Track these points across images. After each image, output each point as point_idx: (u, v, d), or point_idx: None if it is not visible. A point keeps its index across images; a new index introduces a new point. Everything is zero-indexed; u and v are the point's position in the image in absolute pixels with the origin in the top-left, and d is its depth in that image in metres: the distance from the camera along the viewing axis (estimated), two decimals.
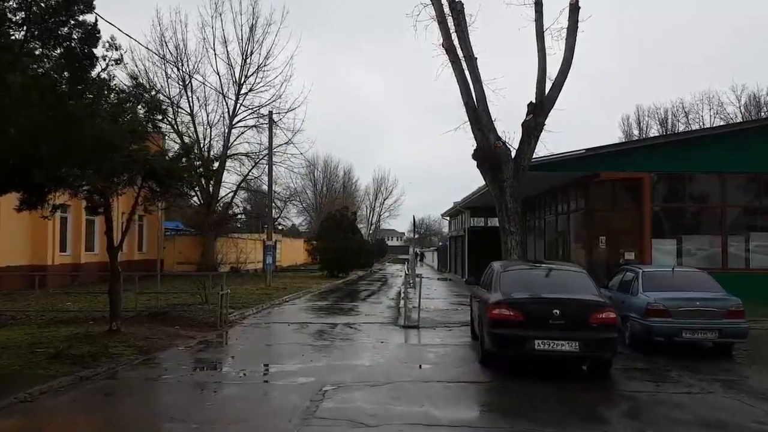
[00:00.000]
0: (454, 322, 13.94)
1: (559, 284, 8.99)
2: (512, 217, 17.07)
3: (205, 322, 13.76)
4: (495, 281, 9.12)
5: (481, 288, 10.24)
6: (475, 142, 17.67)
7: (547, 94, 16.97)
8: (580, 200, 21.51)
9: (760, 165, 18.71)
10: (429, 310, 15.54)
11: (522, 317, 8.16)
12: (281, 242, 55.30)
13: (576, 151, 19.56)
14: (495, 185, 17.35)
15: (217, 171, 38.17)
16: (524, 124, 17.04)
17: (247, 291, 23.19)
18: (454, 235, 44.06)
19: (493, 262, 10.64)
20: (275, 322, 14.74)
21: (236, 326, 13.93)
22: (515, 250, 17.06)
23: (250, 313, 16.33)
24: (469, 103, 17.67)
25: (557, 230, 24.37)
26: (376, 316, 16.13)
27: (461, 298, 20.52)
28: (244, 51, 38.00)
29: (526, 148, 16.97)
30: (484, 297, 9.29)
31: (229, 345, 11.62)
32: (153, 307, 15.00)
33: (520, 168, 16.95)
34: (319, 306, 19.08)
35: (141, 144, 10.83)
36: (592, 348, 8.17)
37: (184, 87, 37.26)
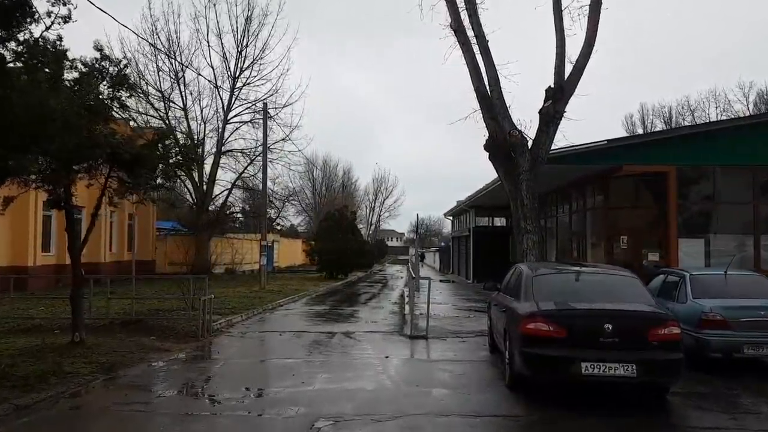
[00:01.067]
0: (468, 331, 12.32)
1: (606, 292, 7.36)
2: (529, 214, 15.46)
3: (186, 332, 12.16)
4: (526, 288, 7.50)
5: (505, 295, 8.62)
6: (487, 132, 16.07)
7: (568, 78, 15.38)
8: (598, 196, 19.89)
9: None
10: (437, 317, 13.92)
11: (565, 333, 6.56)
12: (279, 243, 53.78)
13: (597, 143, 17.93)
14: (509, 179, 15.74)
15: (211, 169, 36.81)
16: (542, 111, 15.43)
17: (239, 294, 21.61)
18: (457, 235, 42.46)
19: (518, 264, 9.02)
20: (266, 331, 13.12)
21: (221, 336, 12.32)
22: (532, 250, 15.45)
23: (238, 320, 14.71)
24: (480, 89, 16.07)
25: (571, 230, 22.75)
26: (378, 323, 14.52)
27: (470, 302, 18.91)
28: (239, 43, 36.46)
29: (544, 137, 15.36)
30: (512, 306, 7.67)
31: (209, 361, 10.00)
32: (129, 314, 13.37)
33: (537, 160, 15.34)
34: (315, 311, 17.46)
35: (102, 124, 9.20)
36: (653, 372, 6.57)
37: (176, 80, 35.69)
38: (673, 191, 17.77)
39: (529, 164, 15.25)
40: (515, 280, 8.37)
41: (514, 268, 9.09)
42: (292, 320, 15.37)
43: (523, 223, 15.49)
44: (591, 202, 20.60)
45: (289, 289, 24.84)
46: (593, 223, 20.59)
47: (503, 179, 15.94)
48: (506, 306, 7.99)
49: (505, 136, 15.42)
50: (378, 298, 23.26)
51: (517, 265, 8.95)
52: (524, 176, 15.29)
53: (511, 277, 8.84)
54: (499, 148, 15.75)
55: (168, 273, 34.99)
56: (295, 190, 68.52)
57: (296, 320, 15.35)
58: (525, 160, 15.24)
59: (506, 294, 8.65)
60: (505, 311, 7.92)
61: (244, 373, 8.82)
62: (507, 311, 7.83)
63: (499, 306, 8.68)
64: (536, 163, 15.35)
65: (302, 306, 19.31)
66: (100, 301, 13.60)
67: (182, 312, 13.95)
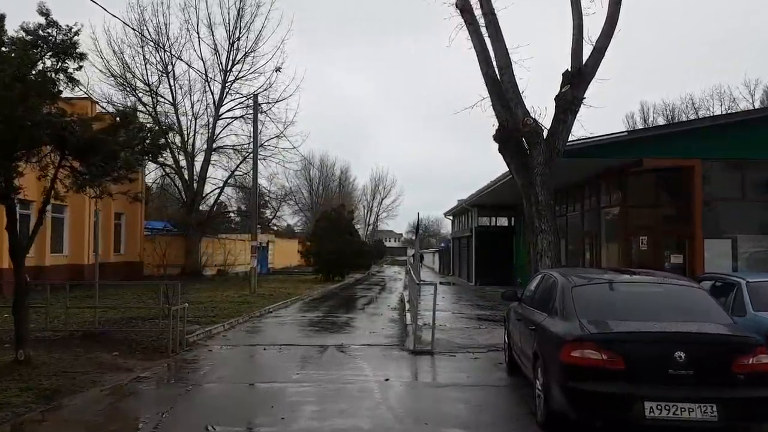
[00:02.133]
0: (479, 345, 10.74)
1: (670, 308, 5.72)
2: (544, 211, 13.91)
3: (156, 346, 10.59)
4: (564, 302, 5.94)
5: (532, 308, 7.05)
6: (497, 121, 14.52)
7: (587, 61, 13.85)
8: (615, 194, 18.36)
9: None
10: (443, 328, 12.32)
11: (622, 364, 5.01)
12: (274, 243, 52.15)
13: (615, 134, 16.42)
14: (521, 173, 14.20)
15: (202, 166, 35.23)
16: (558, 97, 13.89)
17: (226, 299, 20.03)
18: (458, 236, 40.91)
19: (550, 271, 7.45)
20: (248, 345, 11.53)
21: (196, 350, 10.74)
22: (547, 252, 13.90)
23: (219, 330, 13.13)
24: (489, 73, 14.53)
25: (583, 230, 21.19)
26: (376, 333, 12.97)
27: (478, 308, 17.33)
28: (231, 35, 34.89)
29: (560, 126, 13.82)
30: (545, 325, 6.10)
31: (173, 385, 8.40)
32: (92, 325, 11.79)
33: (553, 152, 13.80)
34: (307, 319, 15.88)
35: (48, 104, 7.64)
36: (740, 414, 5.03)
37: (165, 74, 34.09)
38: (699, 187, 16.24)
39: (545, 156, 13.71)
40: (546, 290, 6.82)
41: (541, 275, 7.54)
42: (280, 330, 13.80)
43: (537, 221, 13.95)
44: (606, 200, 19.06)
45: (281, 293, 23.27)
46: (608, 223, 19.06)
47: (515, 173, 14.40)
48: (535, 323, 6.43)
49: (517, 124, 13.89)
50: (376, 302, 21.70)
51: (546, 272, 7.40)
52: (539, 170, 13.75)
53: (539, 286, 7.28)
54: (510, 138, 14.22)
55: (155, 275, 33.46)
56: (292, 189, 67.19)
57: (285, 330, 13.78)
58: (540, 152, 13.70)
59: (532, 307, 7.10)
60: (535, 330, 6.35)
61: (211, 405, 7.22)
62: (537, 330, 6.27)
63: (525, 321, 7.12)
64: (552, 155, 13.81)
65: (294, 312, 17.73)
66: (59, 310, 11.99)
67: (157, 321, 12.32)
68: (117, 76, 32.23)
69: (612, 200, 18.60)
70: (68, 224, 28.23)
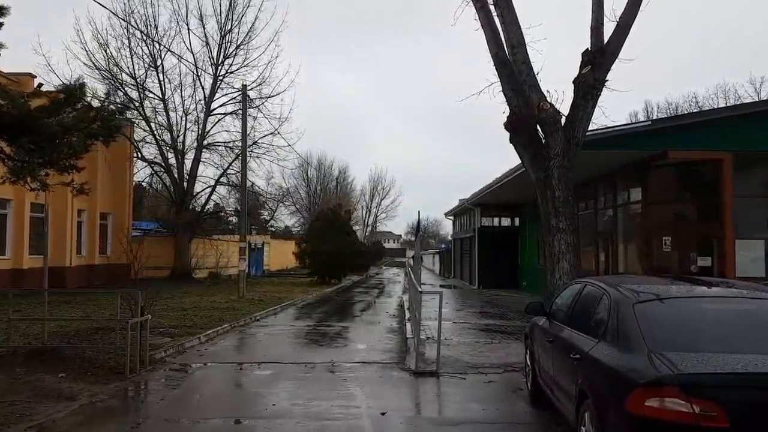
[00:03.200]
0: (492, 364, 9.14)
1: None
2: (561, 208, 12.33)
3: (111, 366, 9.01)
4: (622, 324, 4.36)
5: (570, 329, 5.46)
6: (508, 107, 12.95)
7: (610, 38, 12.28)
8: (634, 190, 16.80)
9: None
10: (448, 341, 10.71)
11: (726, 420, 3.45)
12: (269, 245, 50.55)
13: (637, 124, 14.89)
14: (536, 165, 12.62)
15: (192, 164, 33.65)
16: (578, 80, 12.31)
17: (211, 305, 18.46)
18: (459, 237, 39.32)
19: (592, 280, 5.81)
20: (223, 362, 9.93)
21: (159, 370, 9.15)
22: (565, 255, 12.31)
23: (194, 343, 11.54)
24: (499, 55, 12.94)
25: (597, 230, 19.61)
26: (372, 347, 11.40)
27: (487, 317, 15.69)
28: (222, 27, 33.31)
29: (580, 113, 12.24)
30: (596, 357, 4.42)
31: (117, 420, 6.81)
32: (41, 340, 10.20)
33: (572, 141, 12.22)
34: (297, 329, 14.31)
35: None
36: None
37: (154, 67, 32.48)
38: (729, 182, 14.68)
39: (563, 146, 12.13)
40: (589, 306, 5.24)
41: (580, 285, 5.93)
42: (263, 343, 12.23)
43: (554, 220, 12.36)
44: (623, 197, 17.49)
45: (273, 298, 21.70)
46: (627, 222, 17.50)
47: (528, 166, 12.83)
48: (579, 351, 4.84)
49: (532, 110, 12.33)
50: (374, 308, 20.13)
51: (587, 282, 5.79)
52: (556, 161, 12.17)
53: (578, 299, 5.68)
54: (523, 126, 12.64)
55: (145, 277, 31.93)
56: (289, 190, 65.61)
57: (270, 343, 12.20)
58: (557, 141, 12.12)
59: (570, 326, 5.52)
60: (580, 361, 4.76)
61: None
62: (584, 362, 4.68)
63: (559, 345, 5.55)
64: (571, 144, 12.22)
65: (283, 321, 16.15)
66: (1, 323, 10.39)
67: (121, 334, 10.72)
68: (102, 69, 30.69)
69: (630, 197, 17.04)
70: (49, 224, 26.56)
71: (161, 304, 17.89)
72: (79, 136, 7.81)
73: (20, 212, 24.87)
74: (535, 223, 26.89)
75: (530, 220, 27.66)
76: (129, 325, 8.71)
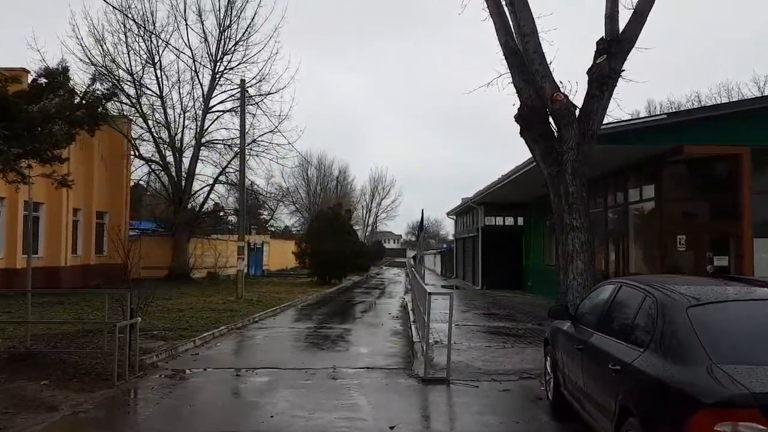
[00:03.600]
0: (507, 371, 8.51)
1: None
2: (575, 205, 11.75)
3: (98, 372, 8.42)
4: (676, 332, 3.76)
5: (607, 336, 4.81)
6: (519, 99, 12.38)
7: (626, 26, 11.72)
8: (646, 187, 16.19)
9: None
10: (458, 346, 10.08)
11: None
12: (269, 244, 49.93)
13: (652, 117, 14.28)
14: (548, 160, 12.04)
15: (190, 162, 33.04)
16: (592, 70, 11.73)
17: (209, 305, 17.87)
18: (462, 236, 38.71)
19: (629, 280, 5.18)
20: (218, 368, 9.31)
21: (150, 377, 8.55)
22: (579, 254, 11.73)
23: (189, 346, 10.94)
24: (510, 44, 12.38)
25: (607, 229, 18.99)
26: (376, 350, 10.81)
27: (494, 320, 15.05)
28: (222, 23, 32.69)
29: (595, 104, 11.67)
30: (643, 369, 3.81)
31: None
32: (24, 343, 9.60)
33: (587, 134, 11.65)
34: (296, 332, 13.71)
35: None
36: None
37: (152, 64, 31.88)
38: (747, 178, 14.08)
39: (577, 139, 11.56)
40: (628, 310, 4.63)
41: (614, 286, 5.30)
42: (261, 347, 11.64)
43: (567, 217, 11.77)
44: (635, 194, 16.87)
45: (272, 299, 21.09)
46: (638, 220, 16.90)
47: (540, 160, 12.24)
48: (619, 361, 4.21)
49: (544, 101, 11.76)
50: (375, 309, 19.53)
51: (623, 283, 5.16)
52: (570, 155, 11.59)
53: (612, 302, 5.07)
54: (535, 118, 12.07)
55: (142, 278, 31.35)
56: (289, 189, 64.98)
57: (268, 347, 11.60)
58: (572, 135, 11.54)
59: (603, 332, 4.91)
60: (621, 373, 4.14)
61: None
62: (627, 374, 4.05)
63: (591, 353, 4.95)
64: (585, 138, 11.65)
65: (282, 322, 15.56)
66: None
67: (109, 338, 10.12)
68: (98, 65, 30.07)
69: (643, 194, 16.43)
70: (44, 222, 26.01)
71: (156, 305, 17.27)
72: (61, 125, 7.20)
73: (13, 210, 24.22)
74: (541, 223, 26.28)
75: (535, 219, 27.06)
76: (117, 329, 8.10)
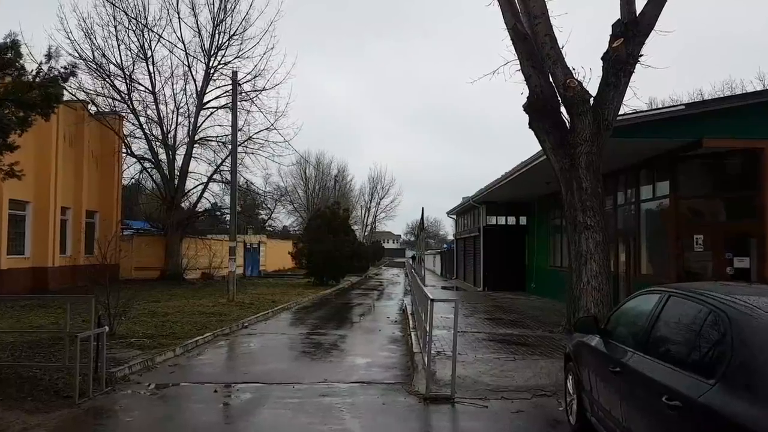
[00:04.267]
0: (519, 387, 7.55)
1: None
2: (589, 202, 10.84)
3: (59, 388, 7.46)
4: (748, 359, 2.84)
5: (655, 360, 3.77)
6: (528, 88, 11.47)
7: (645, 7, 10.80)
8: (660, 183, 15.26)
9: None
10: (466, 359, 9.10)
11: None
12: (266, 245, 48.97)
13: (669, 108, 13.32)
14: (560, 153, 11.12)
15: (183, 160, 32.11)
16: (608, 55, 10.82)
17: (197, 309, 16.92)
18: (463, 236, 37.76)
19: (681, 289, 4.21)
20: (196, 383, 8.35)
21: (117, 393, 7.61)
22: (594, 255, 10.82)
23: (167, 356, 9.99)
24: (518, 28, 11.47)
25: (616, 228, 18.05)
26: (373, 361, 9.87)
27: (501, 326, 14.05)
28: (216, 17, 31.73)
29: (611, 92, 10.75)
30: (724, 413, 2.90)
31: None
32: None
33: (602, 124, 10.74)
34: (288, 339, 12.77)
35: None
36: None
37: (144, 59, 30.93)
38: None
39: (592, 130, 10.65)
40: (687, 328, 3.69)
41: (661, 297, 4.29)
42: (247, 357, 10.71)
43: (580, 215, 10.86)
44: (648, 191, 15.94)
45: (265, 301, 20.17)
46: (651, 219, 15.96)
47: (551, 153, 11.32)
48: (676, 393, 3.22)
49: (558, 88, 10.85)
50: (373, 313, 18.60)
51: (672, 293, 4.19)
52: (584, 148, 10.68)
53: (660, 317, 4.09)
54: (546, 107, 11.16)
55: (134, 279, 30.41)
56: (287, 189, 64.02)
57: (254, 357, 10.67)
58: (586, 125, 10.63)
59: (649, 354, 3.95)
60: (682, 409, 3.18)
61: None
62: (689, 411, 3.08)
63: (633, 378, 3.99)
64: (601, 129, 10.74)
65: (273, 328, 14.61)
66: None
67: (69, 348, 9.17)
68: (88, 60, 29.14)
69: (656, 192, 15.49)
70: (30, 221, 25.06)
71: (142, 309, 16.36)
72: (10, 108, 6.25)
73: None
74: (545, 222, 25.34)
75: (539, 218, 26.12)
76: (78, 340, 7.15)
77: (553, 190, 21.22)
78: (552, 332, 11.88)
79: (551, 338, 11.31)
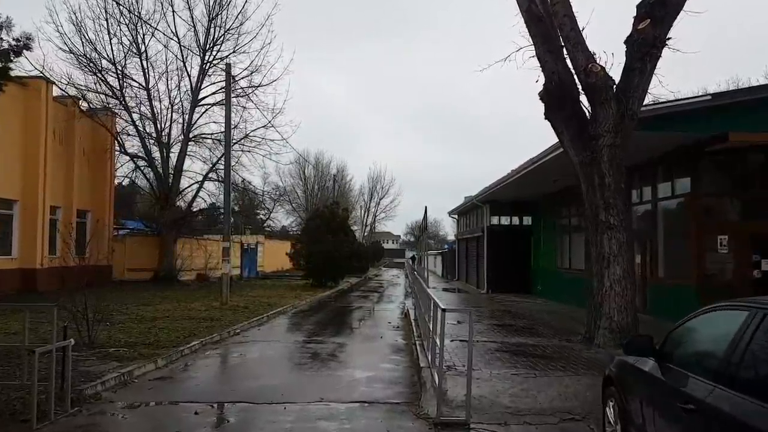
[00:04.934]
0: (543, 409, 6.57)
1: None
2: (612, 199, 9.92)
3: (18, 410, 6.51)
4: None
5: (745, 396, 2.92)
6: (543, 74, 10.54)
7: None
8: (680, 180, 14.34)
9: None
10: (480, 375, 8.13)
11: None
12: (263, 245, 48.00)
13: (694, 98, 12.36)
14: (580, 145, 10.20)
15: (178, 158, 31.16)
16: (633, 38, 9.89)
17: (188, 313, 15.97)
18: (466, 236, 36.80)
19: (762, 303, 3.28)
20: (175, 402, 7.39)
21: (84, 415, 6.67)
22: (618, 257, 9.90)
23: (148, 369, 9.05)
24: (533, 10, 10.54)
25: (631, 228, 17.07)
26: (375, 375, 8.93)
27: (514, 334, 13.03)
28: (211, 11, 30.77)
29: (636, 78, 9.83)
30: None
31: None
32: None
33: (626, 114, 9.81)
34: (282, 347, 11.82)
35: None
36: None
37: (137, 54, 29.97)
38: None
39: (615, 120, 9.72)
40: None
41: (749, 316, 3.27)
42: (236, 370, 9.78)
43: (603, 213, 9.93)
44: (666, 189, 15.02)
45: (260, 305, 19.21)
46: (670, 219, 15.03)
47: (569, 146, 10.39)
48: None
49: (577, 73, 9.92)
50: (373, 318, 17.65)
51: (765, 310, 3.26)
52: (606, 139, 9.76)
53: (750, 343, 3.10)
54: (565, 95, 10.22)
55: (127, 280, 29.49)
56: (286, 189, 63.06)
57: (243, 370, 9.73)
58: (609, 114, 9.70)
59: (735, 390, 3.00)
60: None
61: None
62: None
63: (715, 421, 3.05)
64: (624, 118, 9.81)
65: (267, 335, 13.66)
66: None
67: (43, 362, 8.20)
68: (79, 54, 28.20)
69: (675, 190, 14.57)
70: (18, 221, 24.10)
71: (129, 313, 15.44)
72: None
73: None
74: (551, 222, 24.39)
75: (546, 218, 25.17)
76: (36, 356, 6.19)
77: (560, 188, 20.29)
78: (570, 341, 10.92)
79: (570, 348, 10.35)
